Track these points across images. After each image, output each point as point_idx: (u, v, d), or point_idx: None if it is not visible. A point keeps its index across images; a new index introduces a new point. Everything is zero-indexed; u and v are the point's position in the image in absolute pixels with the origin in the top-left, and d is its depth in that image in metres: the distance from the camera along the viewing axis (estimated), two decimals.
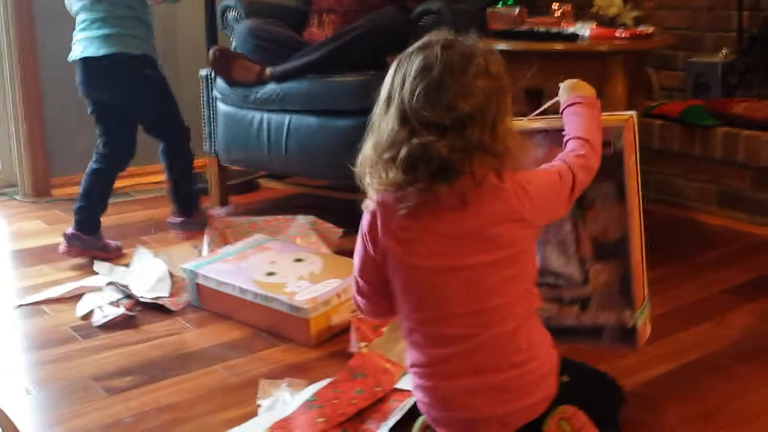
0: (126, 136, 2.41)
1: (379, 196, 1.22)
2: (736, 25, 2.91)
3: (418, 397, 1.29)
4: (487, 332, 1.20)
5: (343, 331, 1.83)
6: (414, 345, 1.26)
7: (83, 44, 2.25)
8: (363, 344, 1.70)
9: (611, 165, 1.42)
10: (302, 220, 2.40)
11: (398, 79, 1.18)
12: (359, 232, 1.28)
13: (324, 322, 1.82)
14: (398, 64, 1.20)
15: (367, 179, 1.22)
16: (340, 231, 2.37)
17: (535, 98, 2.91)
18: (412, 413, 1.38)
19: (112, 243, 2.39)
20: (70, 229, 2.33)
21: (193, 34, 3.30)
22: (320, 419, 1.44)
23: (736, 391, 1.58)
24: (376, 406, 1.51)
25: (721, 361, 1.71)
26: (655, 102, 3.01)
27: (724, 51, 2.96)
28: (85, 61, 2.25)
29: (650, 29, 2.44)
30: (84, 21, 2.25)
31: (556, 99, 1.47)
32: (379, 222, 1.23)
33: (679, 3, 3.10)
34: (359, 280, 1.32)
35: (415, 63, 1.17)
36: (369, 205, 1.24)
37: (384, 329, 1.73)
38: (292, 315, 1.81)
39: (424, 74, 1.15)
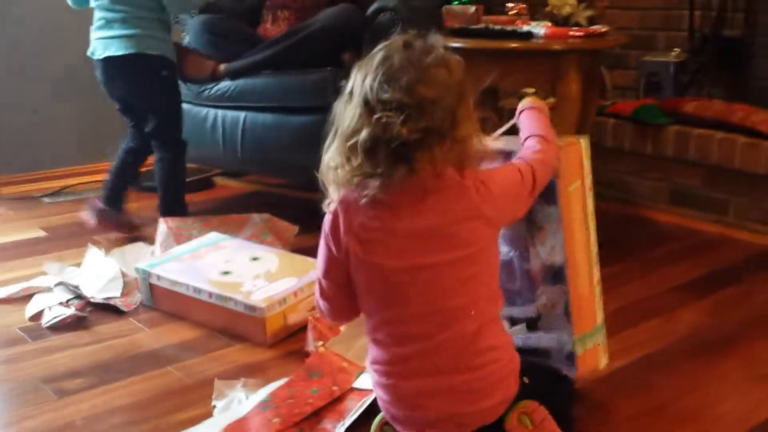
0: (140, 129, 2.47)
1: (340, 194, 1.22)
2: (687, 25, 2.97)
3: (378, 394, 1.29)
4: (445, 332, 1.20)
5: (300, 330, 1.82)
6: (376, 343, 1.26)
7: (103, 44, 2.30)
8: (320, 343, 1.70)
9: (551, 191, 1.43)
10: (257, 218, 2.38)
11: (360, 75, 1.19)
12: (322, 233, 1.27)
13: (280, 321, 1.81)
14: (360, 65, 1.21)
15: (330, 176, 1.21)
16: (295, 229, 2.36)
17: (490, 96, 2.94)
18: (369, 412, 1.38)
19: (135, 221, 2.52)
20: (98, 203, 2.44)
21: None
22: (276, 419, 1.44)
23: (685, 387, 1.61)
24: (333, 405, 1.51)
25: (671, 357, 1.74)
26: (609, 101, 3.05)
27: (675, 50, 3.02)
28: (106, 61, 2.31)
29: (604, 28, 2.47)
30: (101, 19, 2.30)
31: (513, 121, 1.48)
32: (341, 221, 1.23)
33: (632, 3, 3.15)
34: (324, 281, 1.30)
35: (377, 57, 1.18)
36: (330, 205, 1.24)
37: (341, 328, 1.73)
38: (248, 314, 1.80)
39: (384, 63, 1.17)
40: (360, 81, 1.18)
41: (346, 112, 1.19)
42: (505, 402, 1.25)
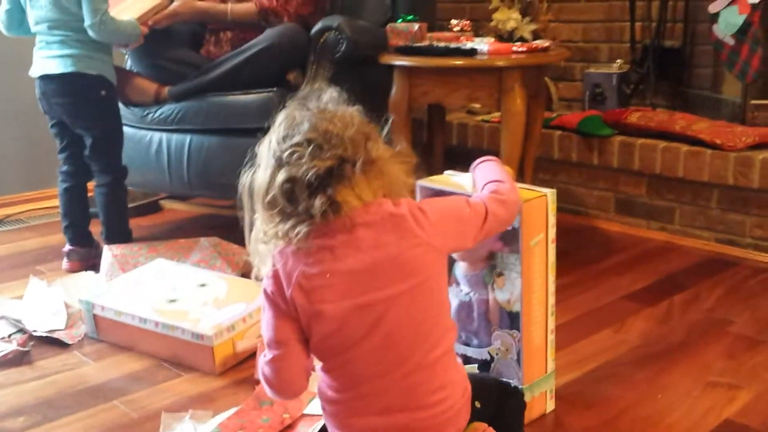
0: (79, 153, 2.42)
1: (275, 253, 1.18)
2: (629, 36, 3.02)
3: (327, 422, 1.27)
4: (398, 370, 1.16)
5: (250, 357, 1.80)
6: (326, 380, 1.22)
7: (42, 63, 2.29)
8: None
9: (513, 239, 1.45)
10: (205, 242, 2.34)
11: (266, 141, 1.19)
12: (263, 298, 1.20)
13: (229, 348, 1.78)
14: (261, 141, 1.21)
15: (261, 248, 1.19)
16: (245, 252, 2.32)
17: (436, 113, 2.95)
18: None
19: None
20: (66, 246, 2.42)
21: None
22: None
23: (636, 398, 1.62)
24: None
25: (621, 368, 1.75)
26: (555, 113, 3.09)
27: (618, 62, 3.07)
28: (44, 79, 2.30)
29: (547, 43, 2.50)
30: (42, 41, 2.30)
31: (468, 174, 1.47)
32: (282, 277, 1.17)
33: (575, 16, 3.20)
34: (274, 346, 1.19)
35: (276, 121, 1.19)
36: (262, 272, 1.20)
37: None
38: (196, 343, 1.76)
39: (285, 121, 1.17)
40: (266, 148, 1.18)
41: (258, 180, 1.17)
42: None
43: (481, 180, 1.38)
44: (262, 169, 1.17)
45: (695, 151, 2.53)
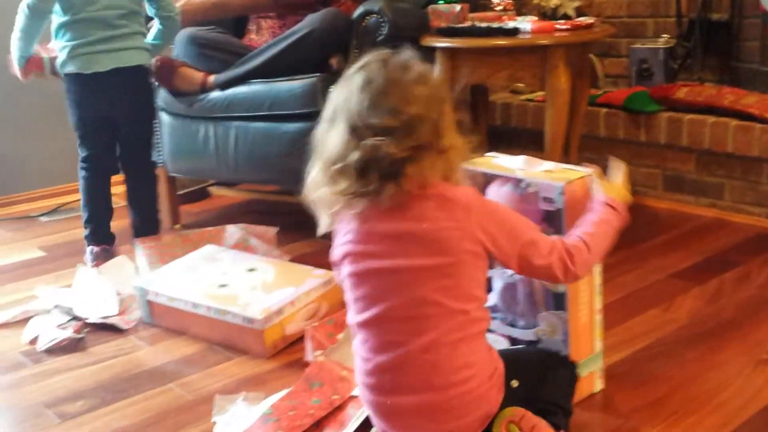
0: (113, 149, 2.42)
1: (331, 214, 1.23)
2: (675, 11, 2.96)
3: (364, 406, 1.31)
4: (420, 340, 1.19)
5: (298, 340, 1.83)
6: (360, 357, 1.27)
7: (114, 55, 2.24)
8: (318, 352, 1.70)
9: (556, 221, 1.44)
10: (232, 228, 2.38)
11: (341, 97, 1.21)
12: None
13: (278, 332, 1.81)
14: (340, 86, 1.23)
15: (316, 199, 1.23)
16: (274, 229, 2.38)
17: (480, 93, 2.94)
18: (370, 420, 1.38)
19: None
20: (95, 247, 2.35)
21: None
22: None
23: (685, 377, 1.61)
24: (334, 414, 1.51)
25: (671, 347, 1.74)
26: (601, 90, 3.05)
27: (664, 36, 3.01)
28: (110, 72, 2.24)
29: (591, 20, 2.47)
30: (103, 33, 2.22)
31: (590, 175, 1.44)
32: (334, 240, 1.25)
33: None
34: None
35: (358, 80, 1.20)
36: (322, 229, 1.26)
37: (339, 336, 1.73)
38: (246, 327, 1.80)
39: (367, 87, 1.18)
40: (343, 103, 1.20)
41: (329, 138, 1.20)
42: (488, 416, 1.24)
43: (581, 223, 1.35)
44: (337, 130, 1.19)
45: (745, 125, 2.47)
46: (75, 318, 1.99)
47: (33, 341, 1.92)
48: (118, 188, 2.51)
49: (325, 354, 1.68)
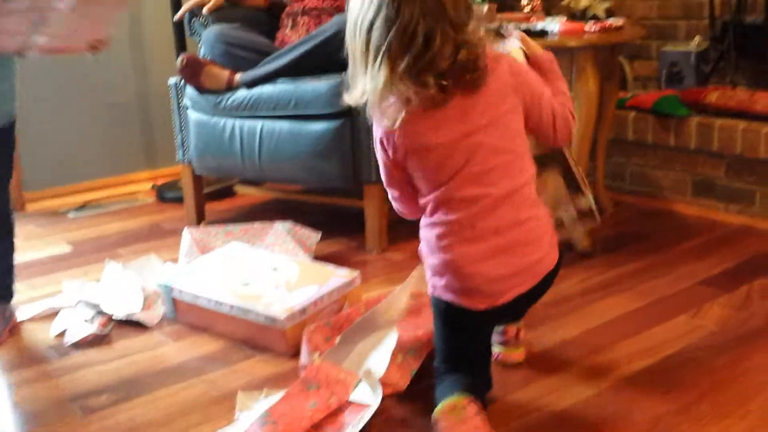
0: None
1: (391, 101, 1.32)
2: (708, 13, 2.92)
3: (442, 284, 1.37)
4: (498, 188, 1.32)
5: None
6: (436, 224, 1.35)
7: None
8: (316, 355, 1.68)
9: None
10: (279, 226, 2.38)
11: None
12: (375, 144, 1.41)
13: (301, 331, 1.80)
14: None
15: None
16: (317, 236, 2.36)
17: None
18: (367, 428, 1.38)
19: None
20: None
21: (161, 41, 3.28)
22: None
23: (713, 384, 1.58)
24: (331, 417, 1.49)
25: (698, 353, 1.71)
26: (630, 93, 3.02)
27: (696, 39, 2.97)
28: None
29: (621, 21, 2.44)
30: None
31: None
32: (389, 136, 1.36)
33: None
34: (389, 190, 1.46)
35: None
36: (351, 97, 1.36)
37: (336, 339, 1.70)
38: (269, 326, 1.80)
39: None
40: (409, 22, 1.26)
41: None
42: (554, 246, 1.39)
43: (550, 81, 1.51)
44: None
45: None
46: (101, 313, 2.01)
47: (60, 335, 1.94)
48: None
49: (323, 356, 1.66)
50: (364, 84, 1.31)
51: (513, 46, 1.56)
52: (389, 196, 1.49)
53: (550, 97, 1.43)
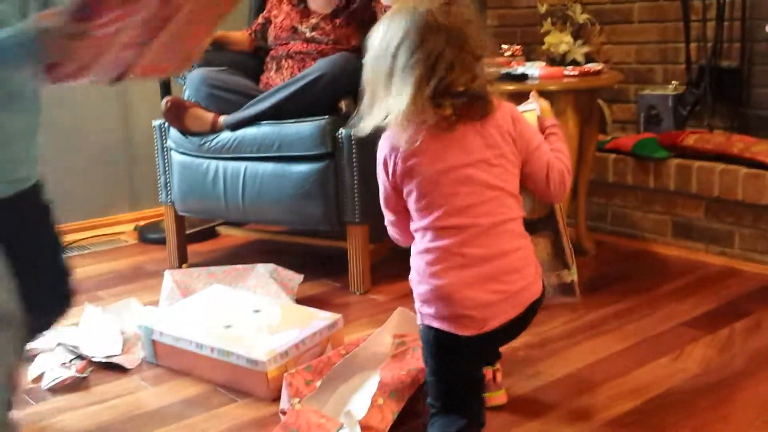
0: None
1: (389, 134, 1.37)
2: (684, 57, 2.98)
3: (430, 312, 1.37)
4: (487, 219, 1.35)
5: None
6: (426, 251, 1.37)
7: None
8: (296, 400, 1.65)
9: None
10: (262, 268, 2.37)
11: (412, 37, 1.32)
12: (377, 165, 1.43)
13: (283, 374, 1.79)
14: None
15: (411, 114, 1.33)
16: (300, 277, 2.35)
17: None
18: None
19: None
20: None
21: (146, 84, 3.29)
22: None
23: (696, 427, 1.58)
24: None
25: (681, 396, 1.71)
26: (609, 136, 3.06)
27: (674, 83, 3.02)
28: None
29: (599, 66, 2.49)
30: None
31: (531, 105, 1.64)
32: (389, 159, 1.39)
33: (628, 38, 3.17)
34: (386, 212, 1.48)
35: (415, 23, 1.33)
36: (364, 129, 1.38)
37: (317, 383, 1.69)
38: (250, 368, 1.78)
39: (429, 32, 1.33)
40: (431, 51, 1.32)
41: (416, 72, 1.32)
42: (539, 277, 1.40)
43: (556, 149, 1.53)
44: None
45: (755, 173, 2.47)
46: (79, 356, 1.98)
47: (37, 379, 1.91)
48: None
49: (303, 401, 1.64)
50: (388, 106, 1.35)
51: (529, 107, 1.61)
52: (386, 221, 1.51)
53: (548, 150, 1.47)
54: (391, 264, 1.69)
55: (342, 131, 2.37)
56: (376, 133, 1.40)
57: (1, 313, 1.01)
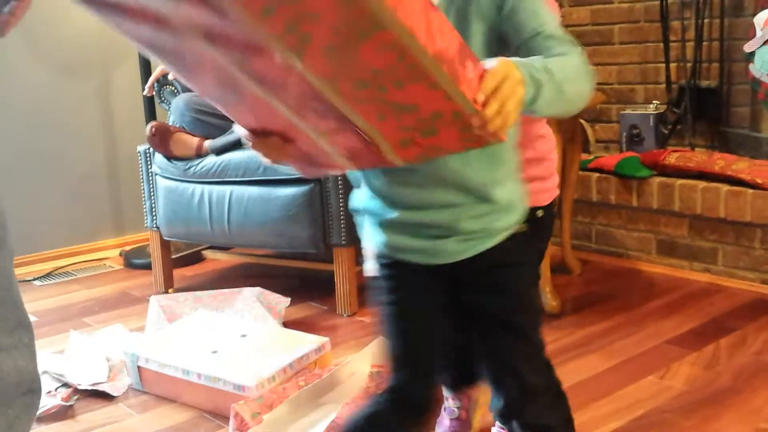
0: None
1: None
2: (664, 77, 3.02)
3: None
4: None
5: None
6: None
7: None
8: None
9: None
10: (248, 292, 2.37)
11: None
12: None
13: (271, 399, 1.78)
14: None
15: None
16: (287, 301, 2.35)
17: None
18: None
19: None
20: None
21: (130, 109, 3.30)
22: None
23: None
24: None
25: (667, 415, 1.72)
26: (592, 155, 3.08)
27: (654, 103, 3.06)
28: None
29: None
30: None
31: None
32: None
33: (610, 59, 3.20)
34: None
35: None
36: None
37: (264, 416, 1.64)
38: (238, 394, 1.78)
39: None
40: None
41: None
42: None
43: None
44: None
45: (736, 191, 2.50)
46: (65, 384, 1.96)
47: None
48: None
49: (263, 425, 1.61)
50: None
51: None
52: None
53: None
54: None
55: None
56: None
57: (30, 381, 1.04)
